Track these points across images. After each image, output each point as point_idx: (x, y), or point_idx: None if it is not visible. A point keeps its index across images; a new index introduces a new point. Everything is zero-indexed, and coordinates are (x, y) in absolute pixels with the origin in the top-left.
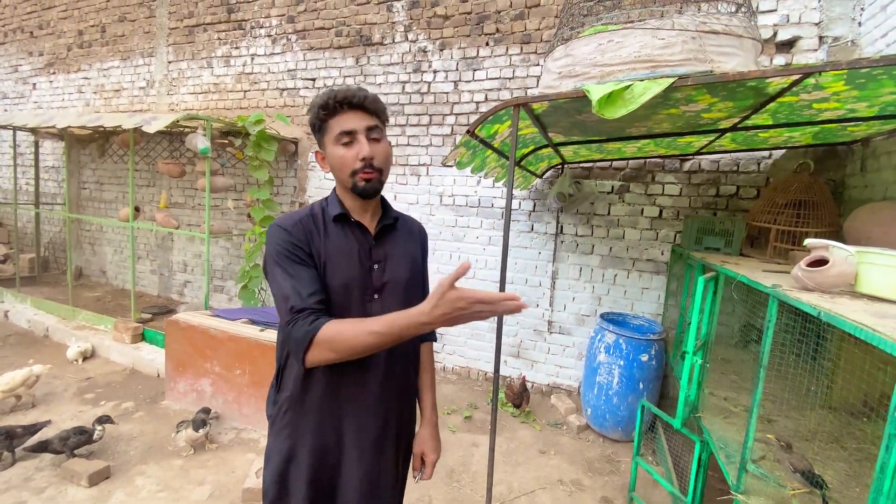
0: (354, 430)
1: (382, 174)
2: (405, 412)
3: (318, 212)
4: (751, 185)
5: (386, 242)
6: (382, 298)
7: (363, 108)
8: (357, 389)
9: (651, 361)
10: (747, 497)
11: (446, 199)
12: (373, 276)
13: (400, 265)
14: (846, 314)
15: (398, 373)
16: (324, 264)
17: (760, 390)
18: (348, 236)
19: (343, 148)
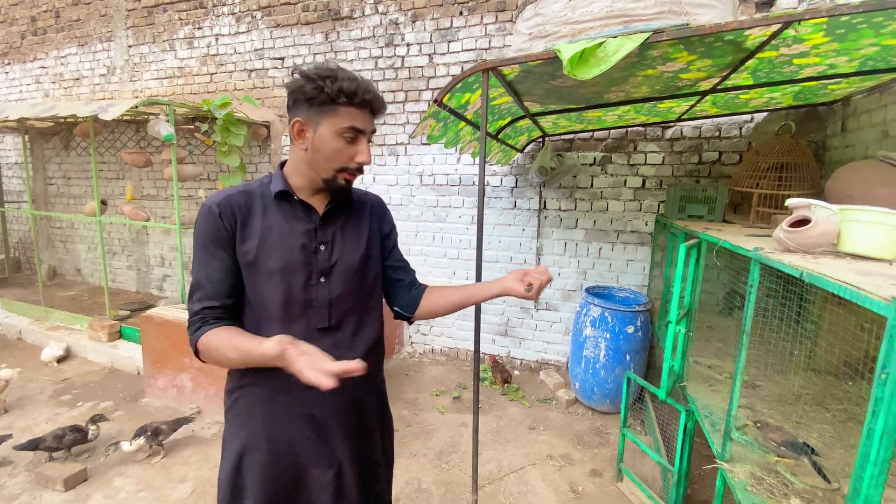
0: (316, 417)
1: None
2: (374, 387)
3: (256, 189)
4: (733, 150)
5: (335, 222)
6: (329, 282)
7: (376, 114)
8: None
9: (637, 333)
10: (732, 465)
11: (426, 178)
12: (318, 258)
13: (351, 246)
14: (829, 274)
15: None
16: (258, 247)
17: (743, 357)
18: (289, 216)
19: (344, 142)
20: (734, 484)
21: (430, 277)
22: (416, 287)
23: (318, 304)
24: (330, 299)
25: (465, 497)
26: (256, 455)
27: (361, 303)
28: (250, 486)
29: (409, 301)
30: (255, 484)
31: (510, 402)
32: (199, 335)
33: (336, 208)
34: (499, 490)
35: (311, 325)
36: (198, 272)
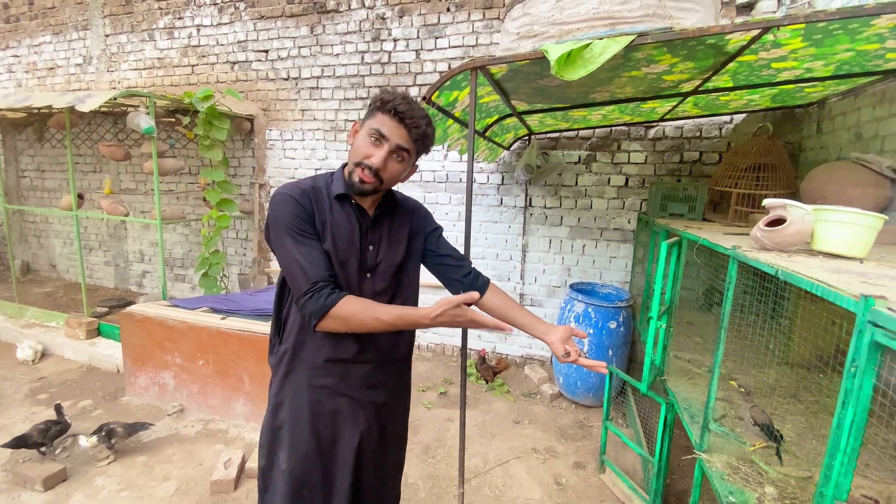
0: (356, 380)
1: (382, 184)
2: (406, 369)
3: (322, 186)
4: (713, 150)
5: (382, 226)
6: (374, 278)
7: (409, 131)
8: (351, 345)
9: (619, 328)
10: (710, 455)
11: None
12: (367, 256)
13: (393, 249)
14: (803, 271)
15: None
16: (328, 238)
17: (721, 352)
18: (349, 215)
19: (369, 141)
20: (711, 473)
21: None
22: (479, 280)
23: (365, 295)
24: (374, 292)
25: (451, 490)
26: (297, 410)
27: (399, 297)
28: (292, 439)
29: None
30: (299, 437)
31: (495, 396)
32: (336, 298)
33: (383, 213)
34: (484, 483)
35: None
36: (294, 254)
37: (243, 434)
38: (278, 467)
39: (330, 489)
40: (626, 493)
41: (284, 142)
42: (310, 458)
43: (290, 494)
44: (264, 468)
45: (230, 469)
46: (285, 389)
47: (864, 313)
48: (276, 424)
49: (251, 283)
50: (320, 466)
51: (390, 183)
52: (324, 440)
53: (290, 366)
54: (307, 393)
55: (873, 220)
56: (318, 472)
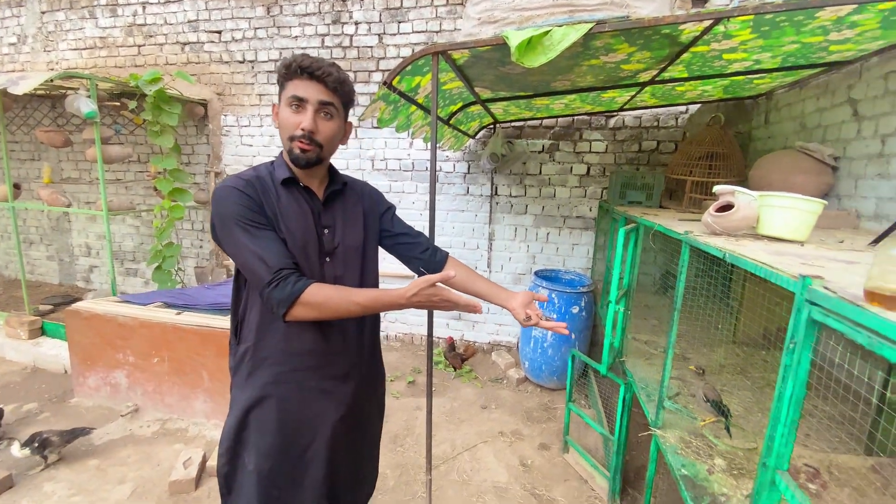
0: (323, 372)
1: (323, 150)
2: (376, 354)
3: (266, 174)
4: (670, 139)
5: (334, 208)
6: (334, 262)
7: (324, 82)
8: (318, 336)
9: (581, 312)
10: (665, 431)
11: (378, 163)
12: (324, 240)
13: (350, 231)
14: (748, 254)
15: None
16: (282, 227)
17: (675, 333)
18: (299, 200)
19: (290, 111)
20: (666, 448)
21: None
22: (437, 255)
23: (328, 280)
24: (335, 276)
25: (419, 478)
26: (267, 407)
27: (361, 280)
28: (257, 438)
29: (432, 268)
30: (265, 435)
31: (464, 383)
32: (304, 284)
33: (333, 194)
34: (452, 468)
35: None
36: (250, 246)
37: (204, 432)
38: (243, 468)
39: (301, 484)
40: (589, 471)
41: (241, 128)
42: (279, 456)
43: (260, 494)
44: (227, 471)
45: (190, 468)
46: (248, 391)
47: (802, 292)
48: (240, 427)
49: (209, 276)
50: (290, 463)
51: (330, 146)
52: (293, 437)
53: (252, 365)
54: (273, 391)
55: (813, 206)
56: (289, 468)
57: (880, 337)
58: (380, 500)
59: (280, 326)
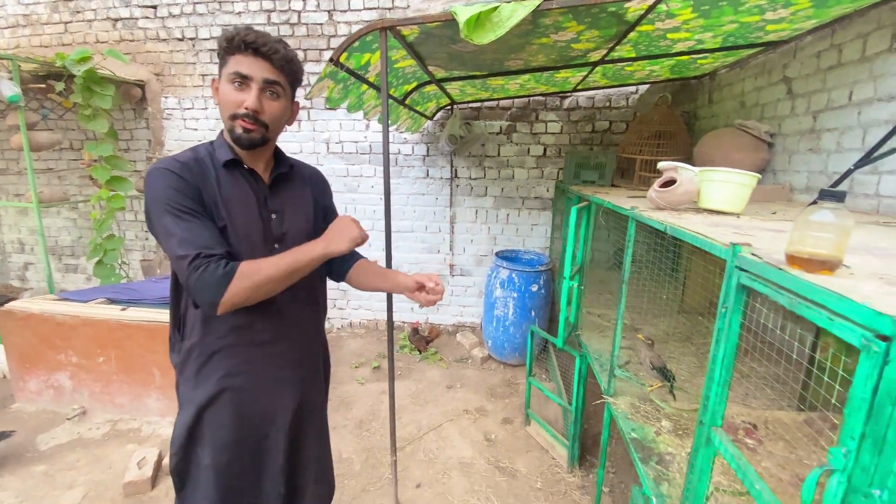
0: (273, 360)
1: (268, 131)
2: (321, 339)
3: (205, 156)
4: (621, 119)
5: (281, 192)
6: (282, 249)
7: (270, 60)
8: (267, 324)
9: (541, 290)
10: (616, 398)
11: (334, 146)
12: (271, 226)
13: (299, 216)
14: (686, 226)
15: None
16: (223, 213)
17: (623, 305)
18: (242, 184)
19: (232, 88)
20: (617, 414)
21: None
22: (353, 255)
23: None
24: None
25: (385, 460)
26: (222, 403)
27: None
28: (212, 434)
29: (341, 269)
30: (221, 430)
31: (429, 365)
32: (234, 266)
33: (280, 177)
34: (419, 448)
35: None
36: (177, 232)
37: (159, 431)
38: (198, 464)
39: (261, 474)
40: (549, 441)
41: (184, 111)
42: (237, 450)
43: (218, 488)
44: (181, 468)
45: (145, 468)
46: (200, 388)
47: (732, 259)
48: (193, 424)
49: (157, 269)
50: (249, 455)
51: (276, 127)
52: (250, 429)
53: (200, 361)
54: (227, 384)
55: (748, 179)
56: (248, 461)
57: (799, 297)
58: (346, 485)
59: (228, 318)
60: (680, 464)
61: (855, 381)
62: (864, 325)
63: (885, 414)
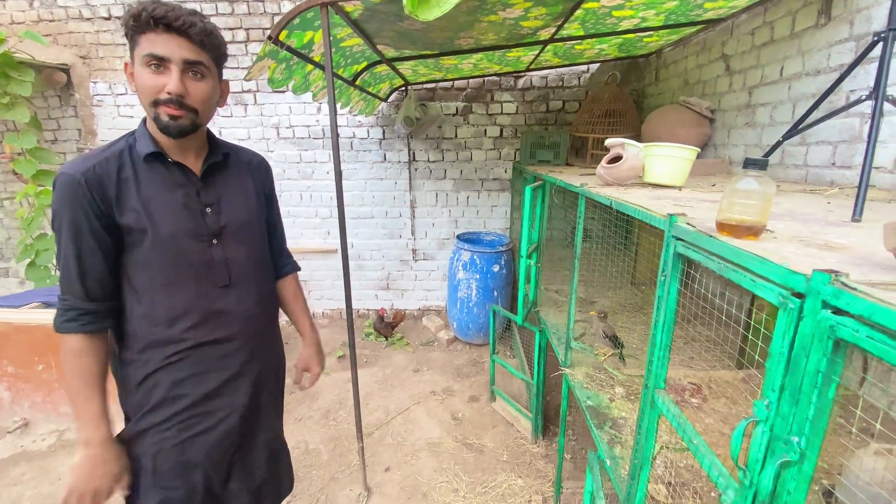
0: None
1: (199, 116)
2: (270, 337)
3: (125, 149)
4: (574, 98)
5: (216, 182)
6: (223, 243)
7: (187, 36)
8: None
9: (502, 270)
10: (573, 369)
11: (284, 131)
12: (206, 220)
13: (237, 206)
14: (630, 200)
15: (254, 317)
16: (142, 215)
17: (576, 279)
18: (167, 181)
19: (149, 72)
20: (573, 384)
21: (303, 240)
22: (285, 267)
23: (217, 264)
24: (226, 259)
25: (353, 448)
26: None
27: (256, 258)
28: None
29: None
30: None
31: (395, 351)
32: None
33: (214, 167)
34: (387, 433)
35: (215, 282)
36: (66, 257)
37: None
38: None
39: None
40: (514, 415)
41: (117, 97)
42: (180, 452)
43: (160, 491)
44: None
45: None
46: (140, 395)
47: (670, 229)
48: (137, 437)
49: None
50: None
51: (206, 110)
52: (195, 433)
53: (141, 368)
54: (169, 392)
55: (688, 153)
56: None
57: (726, 262)
58: (314, 476)
59: (170, 322)
60: (632, 427)
61: (774, 337)
62: (781, 284)
63: (801, 366)
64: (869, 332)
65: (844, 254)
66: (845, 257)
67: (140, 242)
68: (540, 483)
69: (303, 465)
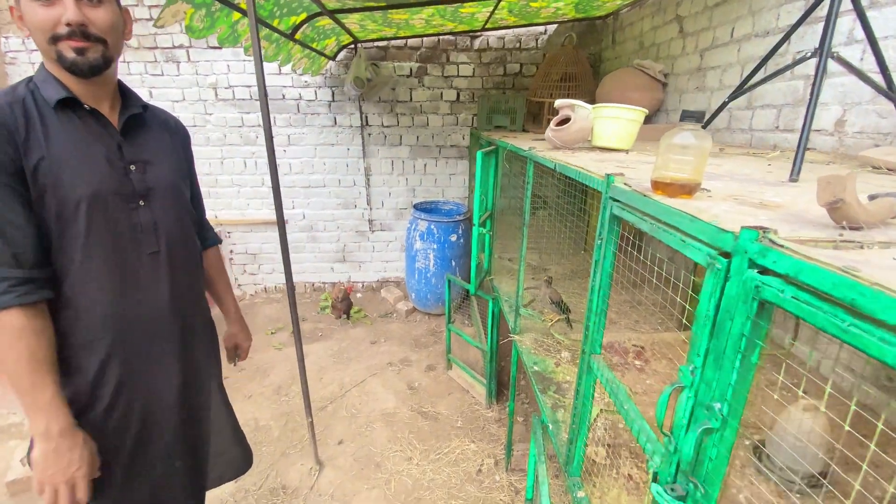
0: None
1: (108, 47)
2: (200, 310)
3: (27, 96)
4: (531, 62)
5: (138, 137)
6: (151, 206)
7: None
8: (140, 301)
9: (460, 240)
10: (522, 336)
11: (223, 91)
12: (131, 179)
13: (165, 166)
14: (572, 162)
15: (184, 288)
16: (52, 171)
17: (525, 247)
18: (82, 132)
19: (38, 6)
20: (521, 350)
21: (250, 211)
22: (207, 240)
23: (144, 229)
24: (154, 223)
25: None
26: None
27: (186, 224)
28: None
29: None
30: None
31: (353, 324)
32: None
33: (134, 120)
34: (341, 406)
35: (142, 250)
36: None
37: None
38: None
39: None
40: (470, 382)
41: (31, 53)
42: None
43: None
44: None
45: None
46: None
47: (607, 190)
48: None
49: None
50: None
51: (115, 41)
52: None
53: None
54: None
55: (635, 114)
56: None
57: (658, 222)
58: (265, 452)
59: (96, 299)
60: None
61: (700, 300)
62: (709, 244)
63: (726, 330)
64: (794, 293)
65: (778, 212)
66: (777, 215)
67: (56, 204)
68: (492, 447)
69: (253, 442)
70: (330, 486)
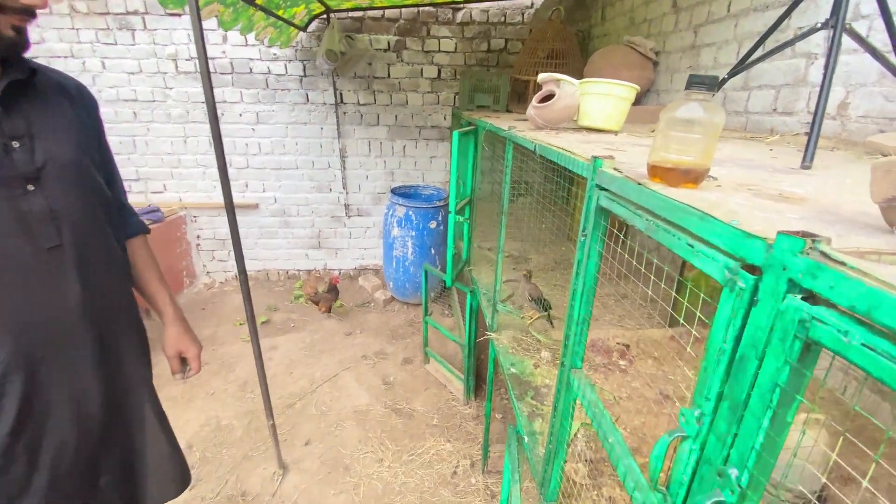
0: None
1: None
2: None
3: None
4: (517, 38)
5: (23, 107)
6: (43, 189)
7: None
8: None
9: (439, 227)
10: (499, 333)
11: (184, 63)
12: (14, 158)
13: (59, 140)
14: (554, 143)
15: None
16: None
17: (503, 236)
18: None
19: None
20: (499, 350)
21: (217, 193)
22: (130, 226)
23: (36, 218)
24: (51, 210)
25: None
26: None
27: (97, 210)
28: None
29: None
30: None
31: (328, 315)
32: None
33: (18, 87)
34: (310, 403)
35: (39, 244)
36: None
37: None
38: None
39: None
40: (447, 376)
41: None
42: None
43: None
44: None
45: None
46: None
47: (593, 176)
48: None
49: None
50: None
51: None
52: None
53: None
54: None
55: (626, 91)
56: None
57: (656, 218)
58: (225, 455)
59: None
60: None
61: (714, 328)
62: (728, 252)
63: (749, 371)
64: (867, 338)
65: (805, 207)
66: (807, 212)
67: None
68: (469, 447)
69: (212, 443)
70: (294, 491)
